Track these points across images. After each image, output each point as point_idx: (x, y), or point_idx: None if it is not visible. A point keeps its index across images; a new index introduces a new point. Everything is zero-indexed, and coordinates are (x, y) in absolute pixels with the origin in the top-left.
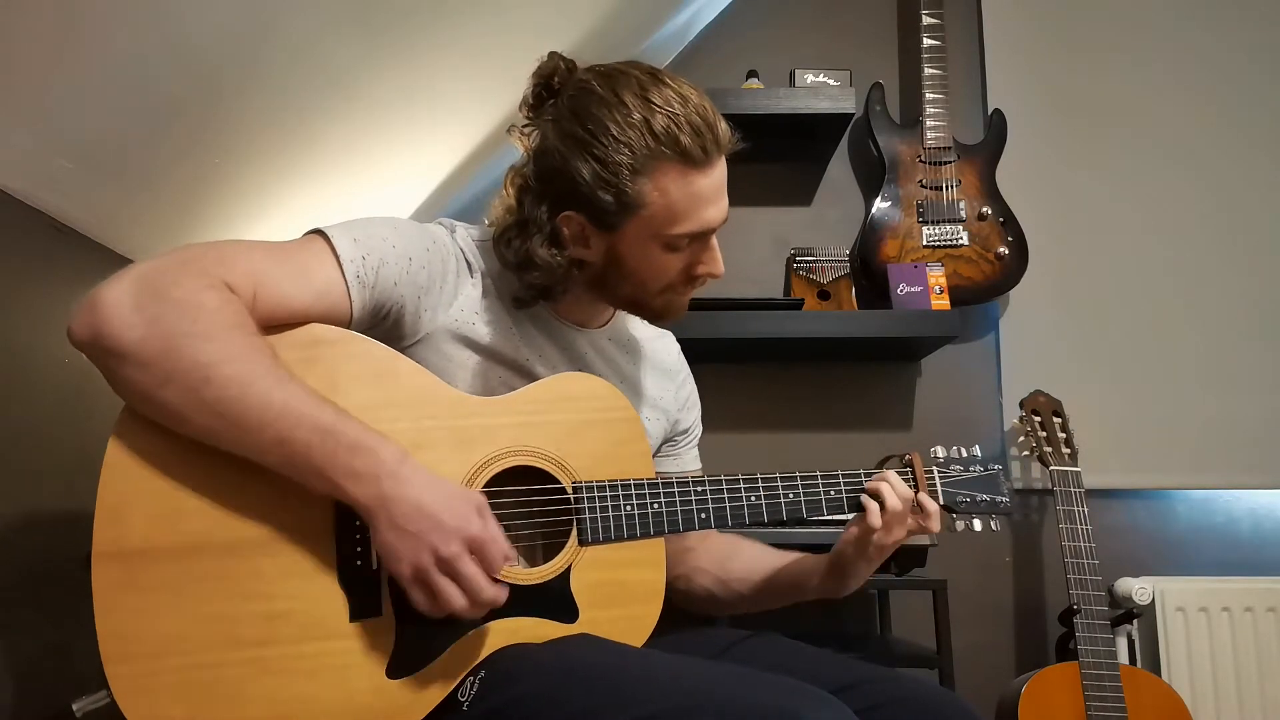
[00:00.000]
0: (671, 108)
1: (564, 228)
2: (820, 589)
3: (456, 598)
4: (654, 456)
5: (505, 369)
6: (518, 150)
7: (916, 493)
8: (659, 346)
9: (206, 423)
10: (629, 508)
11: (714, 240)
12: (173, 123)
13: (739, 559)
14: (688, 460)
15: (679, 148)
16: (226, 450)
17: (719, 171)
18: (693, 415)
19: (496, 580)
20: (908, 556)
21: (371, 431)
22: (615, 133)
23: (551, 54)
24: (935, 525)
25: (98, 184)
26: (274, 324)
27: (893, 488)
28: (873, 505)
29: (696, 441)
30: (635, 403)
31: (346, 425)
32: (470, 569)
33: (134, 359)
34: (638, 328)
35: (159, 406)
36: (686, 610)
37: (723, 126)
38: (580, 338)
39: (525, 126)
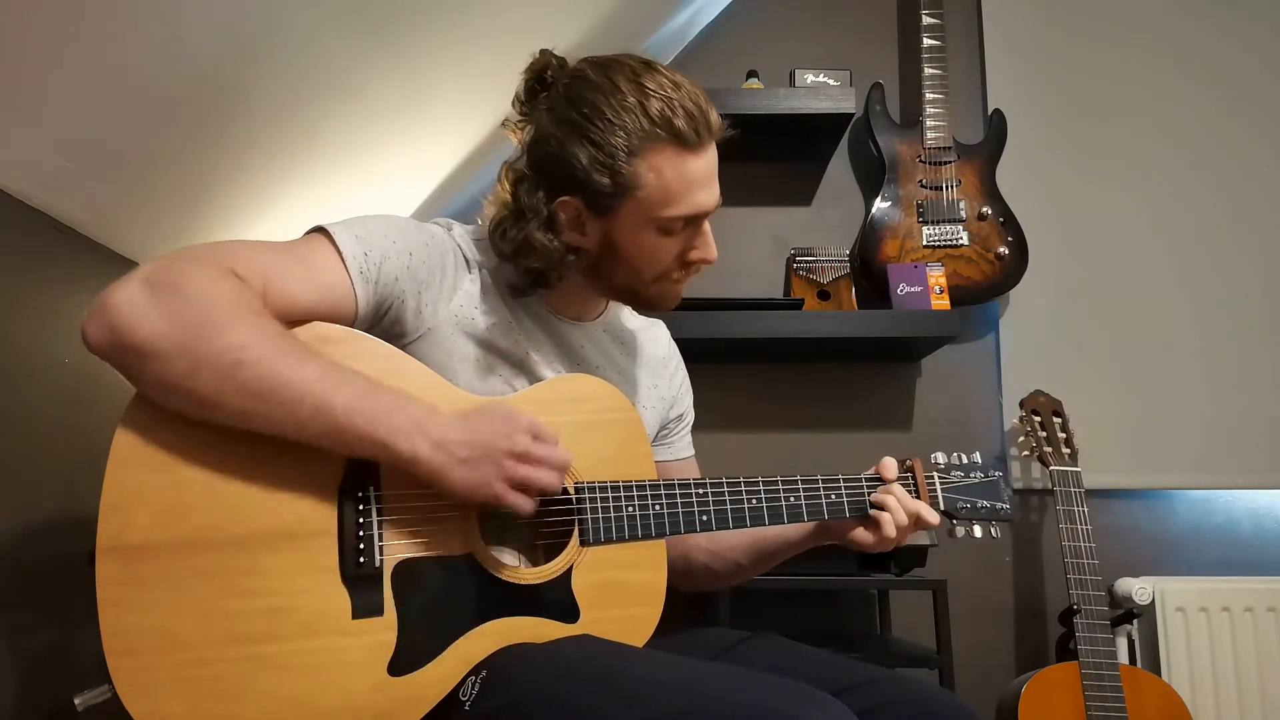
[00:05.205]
0: (665, 92)
1: (560, 213)
2: (806, 547)
3: (545, 475)
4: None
5: (505, 362)
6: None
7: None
8: (650, 336)
9: (242, 405)
10: (630, 509)
11: (707, 225)
12: (173, 122)
13: (728, 531)
14: (680, 448)
15: (673, 129)
16: (260, 431)
17: (711, 156)
18: (686, 401)
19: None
20: (908, 556)
21: (400, 392)
22: (611, 116)
23: (543, 51)
24: (934, 521)
25: (98, 184)
26: (281, 321)
27: (899, 502)
28: (867, 536)
29: (689, 427)
30: (631, 394)
31: (380, 387)
32: (540, 446)
33: (157, 353)
34: (629, 319)
35: (188, 395)
36: (687, 590)
37: (714, 113)
38: (575, 331)
39: (519, 120)
